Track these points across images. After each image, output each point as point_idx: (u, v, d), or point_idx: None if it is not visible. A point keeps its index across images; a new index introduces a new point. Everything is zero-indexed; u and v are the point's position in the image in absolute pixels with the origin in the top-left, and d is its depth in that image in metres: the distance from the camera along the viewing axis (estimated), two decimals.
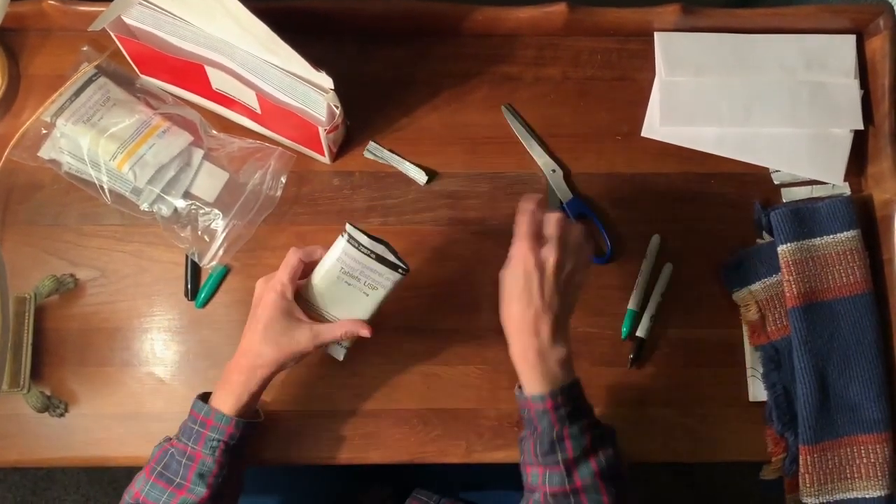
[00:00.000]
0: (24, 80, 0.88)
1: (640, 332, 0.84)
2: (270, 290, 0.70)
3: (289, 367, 0.72)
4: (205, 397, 0.74)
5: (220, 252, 0.83)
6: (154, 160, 0.82)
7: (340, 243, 0.69)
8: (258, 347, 0.70)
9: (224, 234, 0.83)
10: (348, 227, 0.69)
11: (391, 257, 0.70)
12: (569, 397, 0.68)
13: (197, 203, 0.84)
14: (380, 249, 0.69)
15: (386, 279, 0.71)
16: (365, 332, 0.71)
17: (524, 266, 0.68)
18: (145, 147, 0.82)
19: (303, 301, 0.72)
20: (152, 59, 0.81)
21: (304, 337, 0.70)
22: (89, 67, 0.83)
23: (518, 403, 0.71)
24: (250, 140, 0.86)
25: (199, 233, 0.84)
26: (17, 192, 0.86)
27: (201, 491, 0.69)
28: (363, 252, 0.69)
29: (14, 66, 0.88)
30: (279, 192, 0.85)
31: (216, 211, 0.84)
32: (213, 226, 0.84)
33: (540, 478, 0.68)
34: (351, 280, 0.70)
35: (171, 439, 0.73)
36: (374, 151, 0.87)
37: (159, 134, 0.83)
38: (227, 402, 0.71)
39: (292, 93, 0.76)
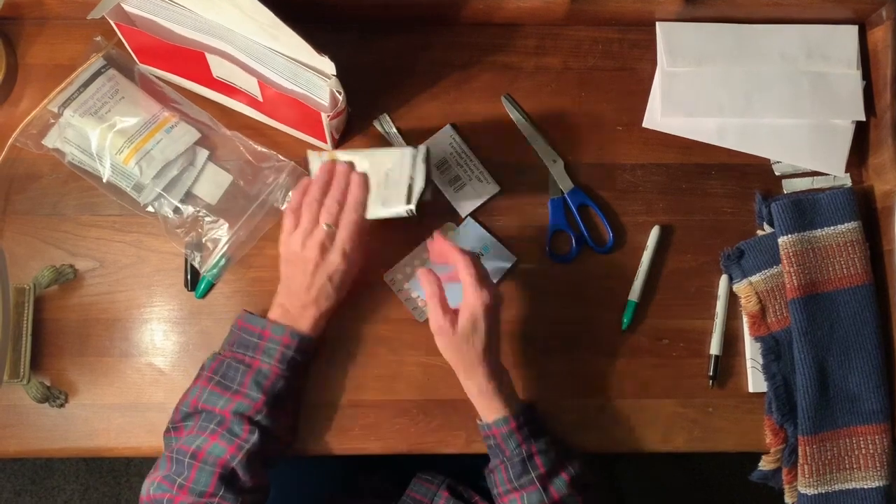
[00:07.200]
0: (21, 69, 0.87)
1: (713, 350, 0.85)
2: (343, 260, 0.75)
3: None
4: (250, 313, 0.78)
5: (223, 262, 0.83)
6: (161, 156, 0.81)
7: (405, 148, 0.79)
8: (329, 298, 0.76)
9: (227, 245, 0.83)
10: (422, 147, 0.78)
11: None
12: (528, 417, 0.74)
13: (203, 210, 0.83)
14: (423, 185, 0.77)
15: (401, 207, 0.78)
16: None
17: (439, 324, 0.73)
18: (152, 142, 0.81)
19: None
20: (152, 48, 0.80)
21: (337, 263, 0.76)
22: (97, 58, 0.82)
23: (482, 435, 0.76)
24: (262, 147, 0.85)
25: (203, 240, 0.83)
26: (16, 182, 0.85)
27: (257, 396, 0.72)
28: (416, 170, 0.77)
29: (11, 55, 0.87)
30: (285, 206, 0.85)
31: (221, 220, 0.83)
32: (216, 234, 0.83)
33: (518, 502, 0.72)
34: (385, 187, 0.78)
35: (219, 354, 0.76)
36: (384, 124, 0.87)
37: (167, 129, 0.82)
38: (293, 319, 0.76)
39: (295, 79, 0.75)
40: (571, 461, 0.75)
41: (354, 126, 0.88)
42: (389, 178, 0.78)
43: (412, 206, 0.76)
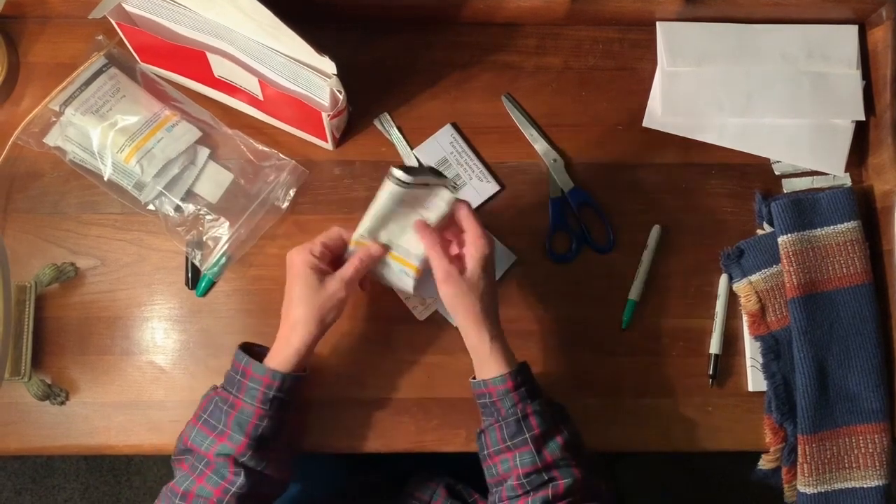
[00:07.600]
0: (23, 67, 0.88)
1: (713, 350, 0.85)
2: (300, 251, 0.73)
3: (330, 319, 0.73)
4: (245, 347, 0.76)
5: (223, 260, 0.83)
6: (162, 154, 0.81)
7: (388, 186, 0.70)
8: (293, 310, 0.72)
9: (228, 243, 0.83)
10: (393, 171, 0.69)
11: (438, 178, 0.73)
12: (525, 377, 0.73)
13: (204, 208, 0.83)
14: (429, 178, 0.71)
15: (441, 200, 0.74)
16: (374, 249, 0.74)
17: (447, 269, 0.71)
18: (153, 141, 0.81)
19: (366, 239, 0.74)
20: (153, 47, 0.81)
21: (331, 286, 0.72)
22: (98, 56, 0.83)
23: (475, 392, 0.75)
24: (263, 146, 0.85)
25: (204, 239, 0.83)
26: (17, 180, 0.85)
27: (239, 439, 0.70)
28: (415, 187, 0.71)
29: (13, 53, 0.87)
30: (286, 204, 0.85)
31: (222, 219, 0.83)
32: (217, 233, 0.83)
33: (511, 462, 0.70)
34: (408, 208, 0.73)
35: (216, 388, 0.75)
36: (384, 123, 0.87)
37: (168, 128, 0.82)
38: (274, 357, 0.73)
39: (295, 79, 0.76)
40: (566, 423, 0.74)
41: (355, 125, 0.88)
42: (406, 202, 0.72)
43: (446, 181, 0.73)
